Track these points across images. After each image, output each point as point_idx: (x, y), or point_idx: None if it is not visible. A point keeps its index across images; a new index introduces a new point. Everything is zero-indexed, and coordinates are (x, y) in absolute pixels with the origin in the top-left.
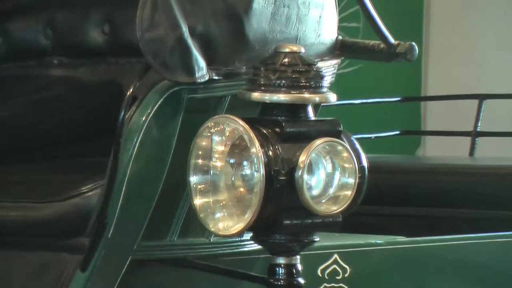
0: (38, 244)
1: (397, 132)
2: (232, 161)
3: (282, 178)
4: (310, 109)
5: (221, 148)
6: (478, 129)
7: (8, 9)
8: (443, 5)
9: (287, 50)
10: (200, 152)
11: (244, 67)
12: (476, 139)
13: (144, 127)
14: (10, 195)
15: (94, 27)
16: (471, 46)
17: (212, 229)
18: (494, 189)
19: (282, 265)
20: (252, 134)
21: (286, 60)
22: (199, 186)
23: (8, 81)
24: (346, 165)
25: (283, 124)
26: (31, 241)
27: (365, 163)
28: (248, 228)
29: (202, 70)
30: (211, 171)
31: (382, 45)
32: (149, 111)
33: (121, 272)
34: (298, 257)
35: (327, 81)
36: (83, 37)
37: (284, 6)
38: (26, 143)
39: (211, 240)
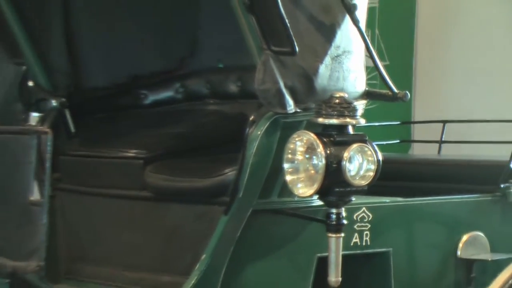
0: (200, 201)
1: (398, 141)
2: (307, 156)
3: (334, 165)
4: (350, 128)
5: (301, 149)
6: (443, 139)
7: (185, 73)
8: (430, 43)
9: (337, 95)
10: (289, 151)
11: (314, 104)
12: (442, 145)
13: (259, 138)
14: (186, 174)
15: (233, 83)
16: (453, 75)
17: (296, 193)
18: (445, 172)
19: (334, 213)
20: (318, 141)
21: (337, 101)
22: (289, 169)
23: (183, 113)
24: (369, 158)
25: (335, 136)
26: (197, 199)
27: (380, 157)
28: (315, 193)
29: (290, 106)
30: (295, 161)
31: (389, 93)
32: (261, 129)
33: (246, 217)
34: (343, 208)
35: (359, 112)
36: (227, 89)
37: (336, 71)
38: (193, 146)
39: (295, 199)
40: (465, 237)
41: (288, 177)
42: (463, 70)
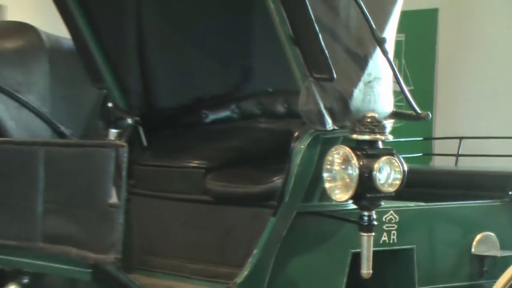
0: (253, 204)
1: (420, 154)
2: (343, 166)
3: (366, 175)
4: (379, 143)
5: (338, 160)
6: (459, 153)
7: (240, 96)
8: (450, 73)
9: (369, 115)
10: (328, 162)
11: (349, 123)
12: (458, 158)
13: (302, 151)
14: (241, 181)
15: (281, 104)
16: (469, 98)
17: (334, 198)
18: (461, 181)
19: (366, 215)
20: (352, 154)
21: (368, 120)
22: (327, 178)
23: (238, 130)
24: (396, 169)
25: (367, 150)
26: (250, 203)
27: (405, 168)
28: (350, 198)
29: (329, 124)
30: (333, 171)
31: (413, 113)
32: (305, 143)
33: (291, 218)
34: (373, 211)
35: (387, 129)
36: (275, 109)
37: (368, 95)
38: (246, 158)
39: (333, 203)
40: (478, 236)
41: (327, 185)
42: (477, 93)
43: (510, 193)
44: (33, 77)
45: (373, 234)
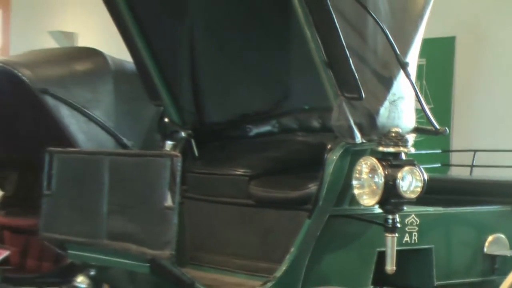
0: (290, 208)
1: (439, 165)
2: (370, 175)
3: (390, 183)
4: (402, 154)
5: (366, 170)
6: (474, 163)
7: (280, 112)
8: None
9: (393, 130)
10: (357, 171)
11: (376, 137)
12: (473, 168)
13: (334, 161)
14: (280, 187)
15: (315, 120)
16: (483, 115)
17: (362, 203)
18: (475, 188)
19: (390, 218)
20: (378, 165)
21: (393, 134)
22: (356, 185)
23: (278, 142)
24: (417, 178)
25: (391, 161)
26: (288, 207)
27: (425, 177)
28: (376, 203)
29: (358, 138)
30: (362, 179)
31: (433, 129)
32: (336, 154)
33: (324, 220)
34: (397, 215)
35: (410, 143)
36: (310, 124)
37: (393, 112)
38: (285, 167)
39: (361, 207)
40: (490, 238)
41: (356, 191)
42: (490, 111)
43: None
44: (100, 95)
45: (396, 235)
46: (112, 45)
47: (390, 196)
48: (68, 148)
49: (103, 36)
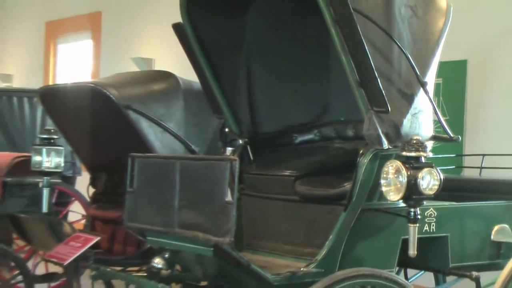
0: (329, 203)
1: (453, 167)
2: (395, 175)
3: (412, 182)
4: (422, 158)
5: (392, 171)
6: (483, 165)
7: (320, 123)
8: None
9: (415, 138)
10: (384, 172)
11: (400, 144)
12: (482, 170)
13: (365, 164)
14: (321, 186)
15: (350, 130)
16: (491, 127)
17: (389, 198)
18: (484, 186)
19: (412, 211)
20: (402, 167)
21: (414, 141)
22: (384, 184)
23: (319, 149)
24: (435, 177)
25: (413, 163)
26: (328, 202)
27: (442, 177)
28: (400, 199)
29: (385, 144)
30: (388, 179)
31: (448, 137)
32: (367, 158)
33: (357, 213)
34: (417, 208)
35: (428, 148)
36: (346, 134)
37: (414, 123)
38: (325, 169)
39: (388, 202)
40: (496, 227)
41: (384, 188)
42: (498, 121)
43: None
44: (172, 110)
45: (417, 225)
46: (182, 69)
47: (412, 193)
48: (146, 154)
49: (175, 61)
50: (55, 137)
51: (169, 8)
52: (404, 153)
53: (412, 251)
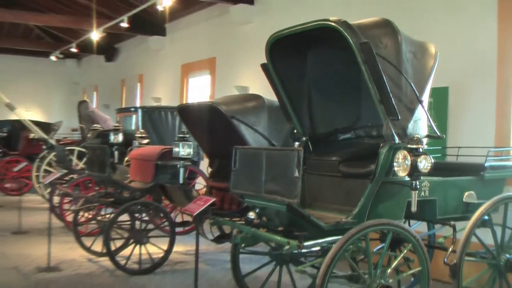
0: (361, 178)
1: (440, 155)
2: (403, 160)
3: (414, 164)
4: (420, 149)
5: (401, 157)
6: (458, 154)
7: (355, 127)
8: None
9: (415, 136)
10: (396, 158)
11: (406, 140)
12: (458, 157)
13: (384, 153)
14: (356, 167)
15: (374, 131)
16: (466, 127)
17: (399, 175)
18: (458, 167)
19: (414, 183)
20: (408, 155)
21: (415, 138)
22: (396, 166)
23: (355, 143)
24: (428, 162)
25: (414, 152)
26: (360, 177)
27: (433, 161)
28: (406, 175)
29: (397, 140)
30: (399, 162)
31: (436, 135)
32: (385, 149)
33: (379, 184)
34: (417, 181)
35: (424, 143)
36: (372, 134)
37: (415, 126)
38: (359, 156)
39: (399, 177)
40: (466, 193)
41: (396, 168)
42: (469, 126)
43: (481, 173)
44: (260, 119)
45: (417, 191)
46: (267, 92)
47: (414, 171)
48: (244, 146)
49: (262, 87)
50: (187, 136)
51: (258, 53)
52: (409, 146)
53: (414, 208)
